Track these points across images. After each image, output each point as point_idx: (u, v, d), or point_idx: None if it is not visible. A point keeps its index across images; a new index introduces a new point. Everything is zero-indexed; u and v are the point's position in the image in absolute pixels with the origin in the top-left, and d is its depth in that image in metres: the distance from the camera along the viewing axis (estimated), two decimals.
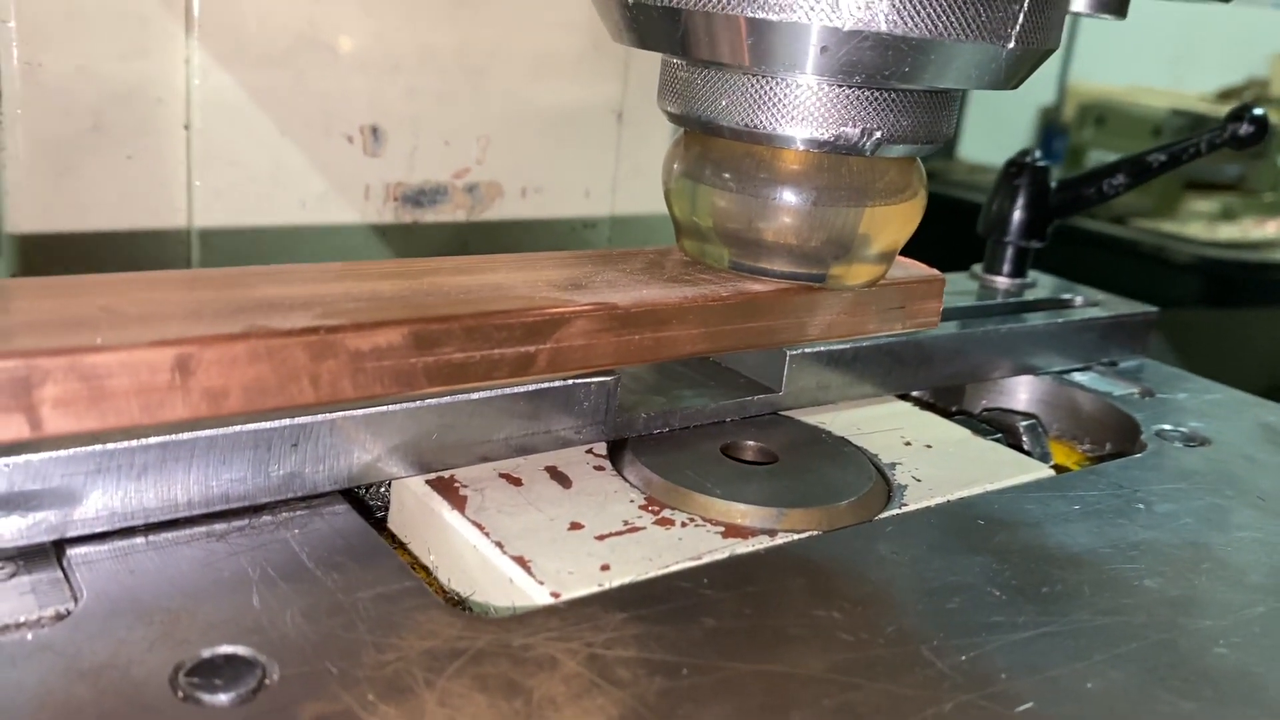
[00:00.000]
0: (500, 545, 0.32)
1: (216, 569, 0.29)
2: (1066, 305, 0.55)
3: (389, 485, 0.36)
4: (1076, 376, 0.52)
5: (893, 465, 0.40)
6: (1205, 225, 1.60)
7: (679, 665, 0.27)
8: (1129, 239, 1.49)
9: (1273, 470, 0.43)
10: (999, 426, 0.47)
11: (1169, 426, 0.47)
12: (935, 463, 0.41)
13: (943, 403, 0.51)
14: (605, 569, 0.31)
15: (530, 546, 0.32)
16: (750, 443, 0.40)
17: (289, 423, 0.32)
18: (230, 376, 0.25)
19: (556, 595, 0.30)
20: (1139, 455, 0.44)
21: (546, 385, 0.36)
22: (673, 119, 0.35)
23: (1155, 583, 0.34)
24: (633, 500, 0.35)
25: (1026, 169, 0.56)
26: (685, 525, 0.34)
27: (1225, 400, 0.51)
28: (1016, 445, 0.46)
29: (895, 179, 0.35)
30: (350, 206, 0.52)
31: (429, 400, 0.34)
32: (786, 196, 0.34)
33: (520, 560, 0.31)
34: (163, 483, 0.30)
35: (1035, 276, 0.59)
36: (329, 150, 0.51)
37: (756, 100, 0.32)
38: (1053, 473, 0.41)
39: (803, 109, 0.32)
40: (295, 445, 0.32)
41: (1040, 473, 0.41)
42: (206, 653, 0.26)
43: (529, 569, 0.31)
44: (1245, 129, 0.54)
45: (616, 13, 0.33)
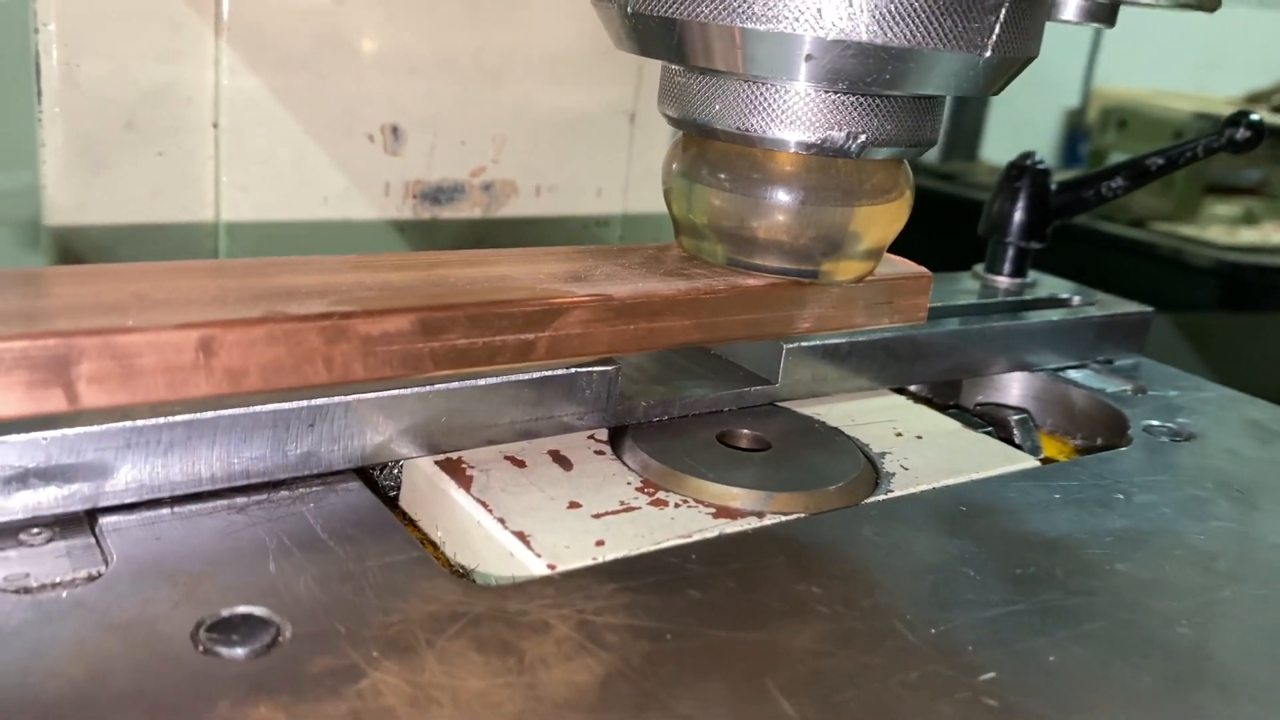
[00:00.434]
0: (502, 521, 0.34)
1: (236, 538, 0.31)
2: (1064, 304, 0.57)
3: (401, 467, 0.38)
4: (1071, 374, 0.53)
5: (883, 454, 0.42)
6: (1226, 229, 1.60)
7: (663, 631, 0.29)
8: (1147, 242, 1.50)
9: (1254, 464, 0.45)
10: (991, 420, 0.49)
11: (1157, 422, 0.48)
12: (924, 453, 0.43)
13: (939, 397, 0.53)
14: (600, 544, 0.33)
15: (530, 523, 0.34)
16: (745, 431, 0.42)
17: (306, 404, 0.34)
18: (249, 357, 0.27)
19: (553, 567, 0.32)
20: (1124, 449, 0.45)
21: (551, 373, 0.38)
22: (671, 122, 0.37)
23: (1126, 567, 0.35)
24: (630, 483, 0.37)
25: (1027, 171, 0.58)
26: (679, 506, 0.36)
27: (1216, 398, 0.53)
28: (1008, 438, 0.48)
29: (882, 180, 0.36)
30: (370, 203, 0.55)
31: (438, 386, 0.36)
32: (778, 196, 0.36)
33: (520, 535, 0.33)
34: (188, 458, 0.32)
35: (1035, 276, 0.60)
36: (351, 148, 0.53)
37: (748, 105, 0.34)
38: (1038, 464, 0.43)
39: (791, 113, 0.33)
40: (312, 425, 0.34)
41: (1026, 464, 0.43)
42: (225, 612, 0.28)
43: (528, 543, 0.33)
44: (1242, 134, 0.56)
45: (618, 21, 0.35)
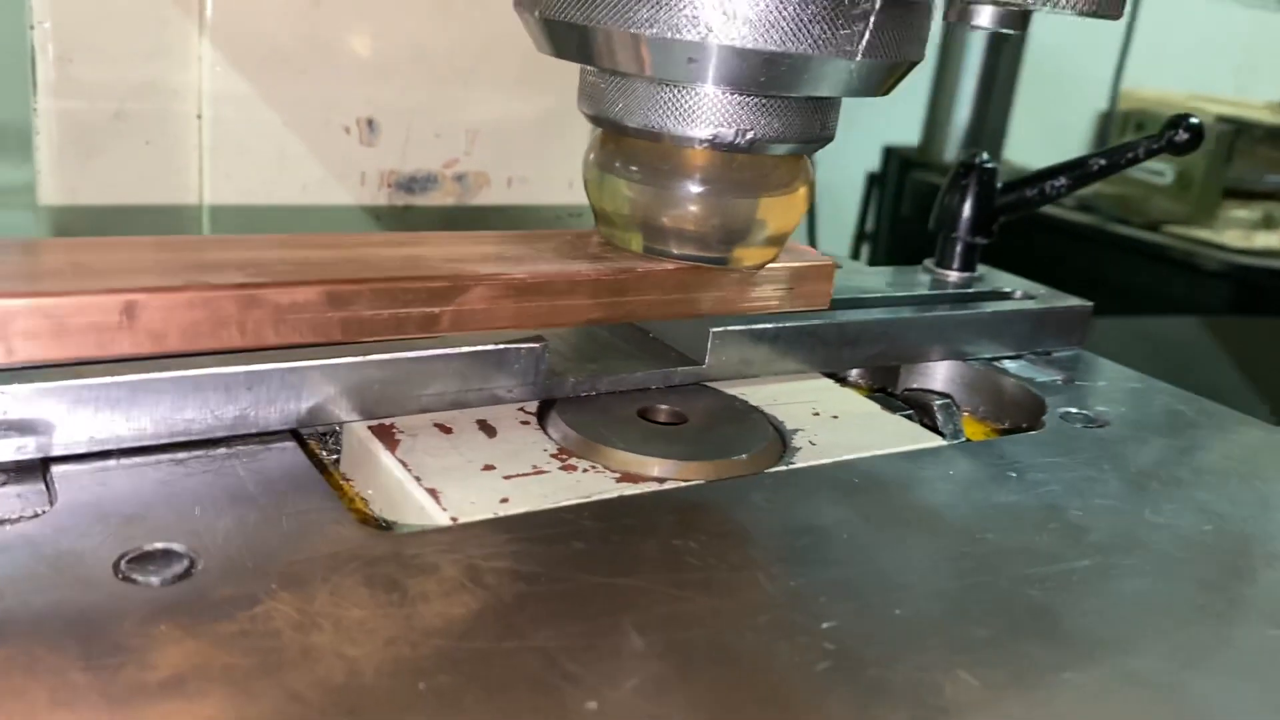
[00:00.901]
0: (418, 479, 0.37)
1: (172, 487, 0.35)
2: (1004, 297, 0.59)
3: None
4: (1007, 363, 0.56)
5: (795, 431, 0.45)
6: (1242, 233, 1.60)
7: (539, 575, 0.32)
8: (1158, 244, 1.51)
9: (1158, 450, 0.47)
10: (914, 404, 0.51)
11: (1074, 409, 0.50)
12: (835, 431, 0.45)
13: (878, 383, 0.55)
14: (504, 501, 0.37)
15: (443, 482, 0.37)
16: (664, 407, 0.45)
17: (245, 369, 0.37)
18: (169, 321, 0.31)
19: (455, 520, 0.35)
20: (1034, 432, 0.48)
21: (481, 348, 0.41)
22: (588, 119, 0.40)
23: (995, 536, 0.38)
24: (546, 450, 0.41)
25: (975, 170, 0.60)
26: (586, 472, 0.39)
27: (1144, 389, 0.55)
28: (930, 421, 0.50)
29: (781, 174, 0.39)
30: (347, 191, 0.58)
31: (374, 355, 0.39)
32: (682, 187, 0.39)
33: (432, 491, 0.37)
34: (134, 415, 0.36)
35: (984, 271, 0.62)
36: (328, 140, 0.57)
37: (649, 103, 0.37)
38: (945, 444, 0.46)
39: (685, 111, 0.36)
40: (250, 389, 0.38)
41: (932, 443, 0.45)
42: (148, 547, 0.31)
43: (438, 498, 0.36)
44: (1181, 136, 0.58)
45: (534, 27, 0.38)
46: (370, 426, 0.41)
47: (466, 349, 0.41)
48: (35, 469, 0.35)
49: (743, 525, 0.37)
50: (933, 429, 0.49)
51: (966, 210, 0.61)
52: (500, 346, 0.42)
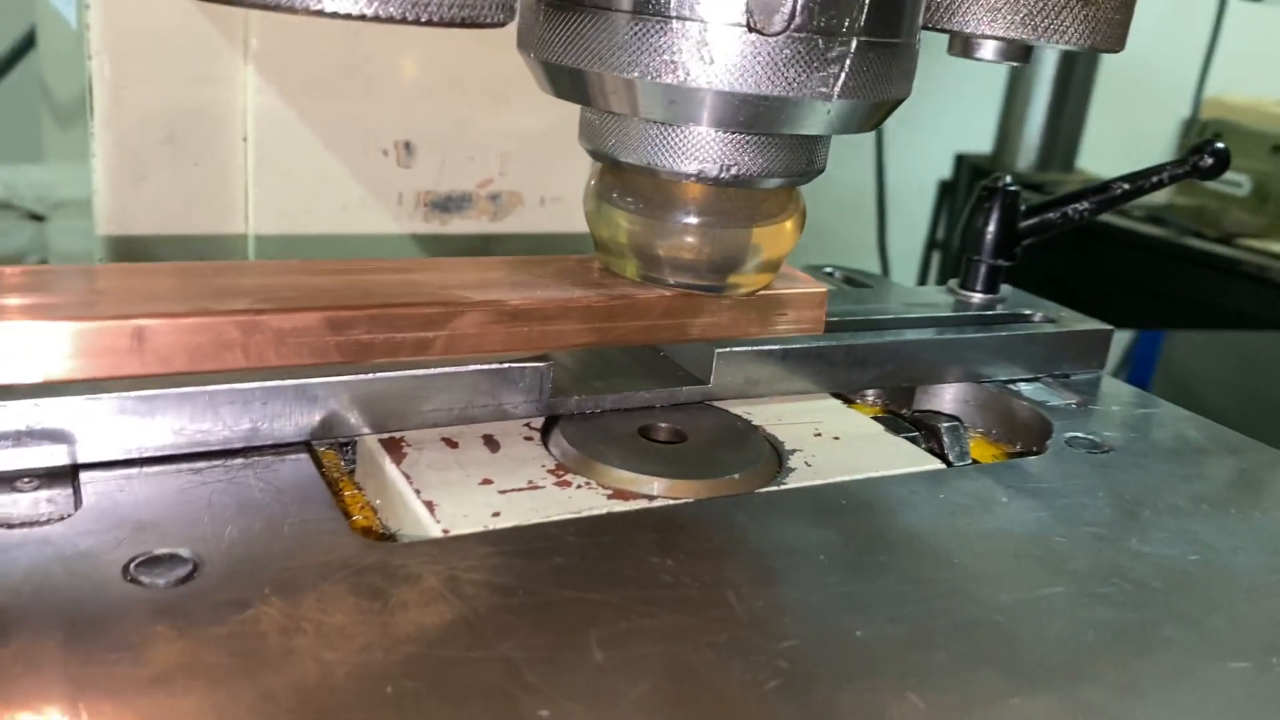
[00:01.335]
0: (418, 491, 0.40)
1: (187, 495, 0.38)
2: (1023, 319, 0.60)
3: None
4: (1022, 386, 0.56)
5: (793, 451, 0.46)
6: None
7: (516, 588, 0.34)
8: (1231, 258, 1.48)
9: (1158, 477, 0.47)
10: (922, 426, 0.52)
11: (1081, 434, 0.51)
12: (834, 452, 0.47)
13: (893, 404, 0.56)
14: (496, 515, 0.39)
15: (441, 494, 0.40)
16: (664, 425, 0.46)
17: (261, 385, 0.40)
18: (176, 344, 0.33)
19: (447, 532, 0.37)
20: (1034, 457, 0.48)
21: (488, 366, 0.44)
22: (588, 153, 0.42)
23: (972, 562, 0.39)
24: (544, 465, 0.43)
25: (998, 193, 0.61)
26: (580, 488, 0.41)
27: (1160, 415, 0.55)
28: (939, 444, 0.51)
29: (771, 205, 0.41)
30: (385, 211, 0.61)
31: (383, 374, 0.42)
32: (675, 219, 0.41)
33: (429, 504, 0.39)
34: (157, 427, 0.39)
35: (1008, 292, 0.63)
36: (366, 162, 0.60)
37: (640, 141, 0.39)
38: (942, 467, 0.47)
39: (673, 148, 0.38)
40: (265, 404, 0.40)
41: (930, 466, 0.46)
42: (157, 551, 0.34)
43: (433, 511, 0.38)
44: (1206, 161, 0.58)
45: (535, 68, 0.40)
46: (381, 439, 0.43)
47: (474, 366, 0.43)
48: (66, 475, 0.38)
49: (721, 545, 0.38)
50: (939, 451, 0.50)
51: (990, 233, 0.61)
52: (506, 365, 0.44)
